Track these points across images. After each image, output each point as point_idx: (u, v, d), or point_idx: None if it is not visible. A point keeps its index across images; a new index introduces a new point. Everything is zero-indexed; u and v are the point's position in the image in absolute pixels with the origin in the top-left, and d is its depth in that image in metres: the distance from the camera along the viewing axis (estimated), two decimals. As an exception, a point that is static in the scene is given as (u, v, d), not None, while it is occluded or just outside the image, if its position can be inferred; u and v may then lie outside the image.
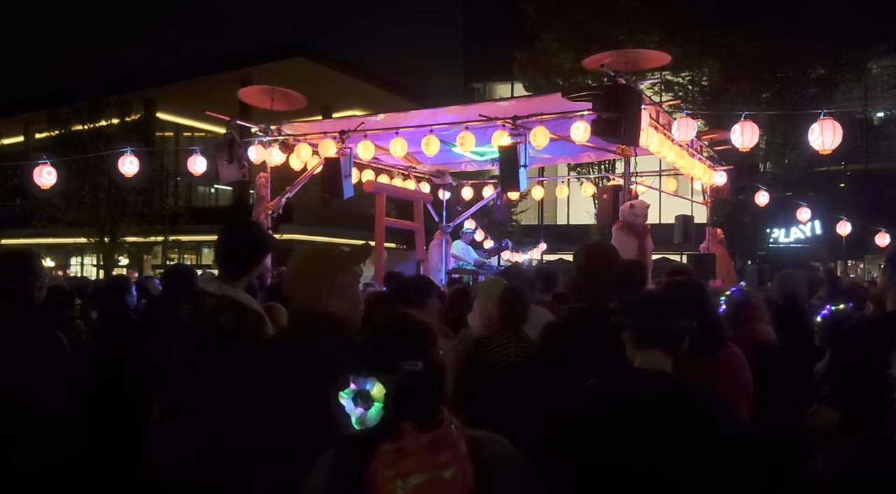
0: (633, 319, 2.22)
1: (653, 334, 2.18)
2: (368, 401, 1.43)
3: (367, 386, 1.44)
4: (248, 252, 2.71)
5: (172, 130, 31.66)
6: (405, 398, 1.45)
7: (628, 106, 6.84)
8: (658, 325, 2.17)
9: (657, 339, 2.17)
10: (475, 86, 31.98)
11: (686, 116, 8.38)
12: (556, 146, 9.09)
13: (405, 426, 1.45)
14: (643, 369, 2.19)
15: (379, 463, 1.43)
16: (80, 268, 32.28)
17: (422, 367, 1.49)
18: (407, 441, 1.45)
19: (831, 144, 7.49)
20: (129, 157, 9.99)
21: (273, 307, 3.26)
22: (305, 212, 24.54)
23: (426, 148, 8.68)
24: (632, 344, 2.23)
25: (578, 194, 16.63)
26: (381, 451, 1.44)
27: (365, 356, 1.52)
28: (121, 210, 23.33)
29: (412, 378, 1.47)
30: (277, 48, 26.69)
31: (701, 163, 10.59)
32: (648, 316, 2.20)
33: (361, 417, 1.43)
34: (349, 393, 1.45)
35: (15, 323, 2.85)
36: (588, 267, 3.04)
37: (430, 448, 1.45)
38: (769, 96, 20.08)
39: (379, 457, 1.44)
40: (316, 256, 2.33)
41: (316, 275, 2.21)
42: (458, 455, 1.46)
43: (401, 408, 1.44)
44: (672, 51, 18.45)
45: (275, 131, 9.75)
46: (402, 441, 1.45)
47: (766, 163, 21.34)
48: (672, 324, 2.18)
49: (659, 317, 2.18)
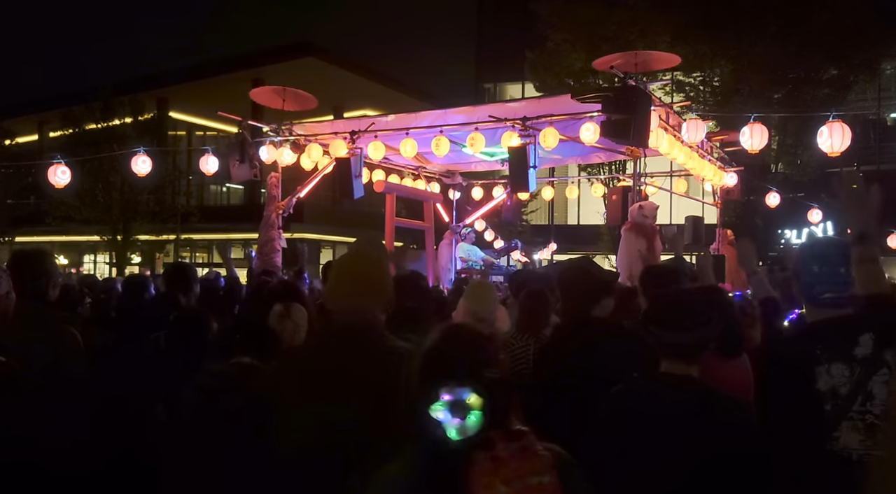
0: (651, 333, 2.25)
1: (671, 346, 2.22)
2: (466, 410, 1.45)
3: (463, 395, 1.46)
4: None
5: (185, 129, 31.83)
6: (492, 406, 1.47)
7: (638, 107, 6.86)
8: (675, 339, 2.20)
9: (676, 351, 2.21)
10: (486, 86, 31.97)
11: (696, 118, 8.38)
12: (566, 147, 9.11)
13: (494, 435, 1.47)
14: (667, 374, 2.23)
15: (477, 471, 1.45)
16: (93, 266, 32.51)
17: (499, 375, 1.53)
18: (499, 449, 1.47)
19: (840, 147, 7.47)
20: (142, 157, 10.09)
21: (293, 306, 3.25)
22: (316, 211, 24.61)
23: (436, 148, 8.73)
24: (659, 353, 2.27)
25: (589, 195, 16.61)
26: (476, 460, 1.46)
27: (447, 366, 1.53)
28: (133, 208, 23.54)
29: (496, 385, 1.51)
30: (289, 48, 26.80)
31: (711, 165, 10.58)
32: (666, 329, 2.22)
33: (461, 427, 1.45)
34: (444, 404, 1.46)
35: (31, 321, 2.91)
36: (572, 288, 3.10)
37: (522, 456, 1.48)
38: (781, 97, 19.95)
39: (475, 466, 1.45)
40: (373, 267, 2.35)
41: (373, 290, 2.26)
42: (546, 462, 1.49)
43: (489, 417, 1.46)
44: (683, 51, 18.40)
45: (286, 131, 9.82)
46: (495, 449, 1.47)
47: (778, 163, 21.22)
48: (689, 338, 2.20)
49: (677, 329, 2.20)
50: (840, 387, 2.25)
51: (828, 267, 2.41)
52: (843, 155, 8.26)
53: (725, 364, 2.73)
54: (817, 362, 2.28)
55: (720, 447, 2.01)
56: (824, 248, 2.52)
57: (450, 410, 1.45)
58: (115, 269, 24.55)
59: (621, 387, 2.23)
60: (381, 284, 2.33)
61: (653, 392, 2.20)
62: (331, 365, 2.16)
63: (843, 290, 2.38)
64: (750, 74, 19.55)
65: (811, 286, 2.43)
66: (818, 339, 2.35)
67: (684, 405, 2.10)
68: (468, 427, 1.45)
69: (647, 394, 2.20)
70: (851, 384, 2.23)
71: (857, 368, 2.23)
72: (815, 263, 2.44)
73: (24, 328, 2.80)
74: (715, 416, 2.06)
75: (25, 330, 2.81)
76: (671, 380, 2.19)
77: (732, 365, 2.79)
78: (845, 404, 2.23)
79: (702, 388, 2.16)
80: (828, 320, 2.38)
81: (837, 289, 2.39)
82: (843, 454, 2.21)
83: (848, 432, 2.22)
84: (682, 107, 13.57)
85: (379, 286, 2.31)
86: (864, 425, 2.21)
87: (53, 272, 3.14)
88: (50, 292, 3.09)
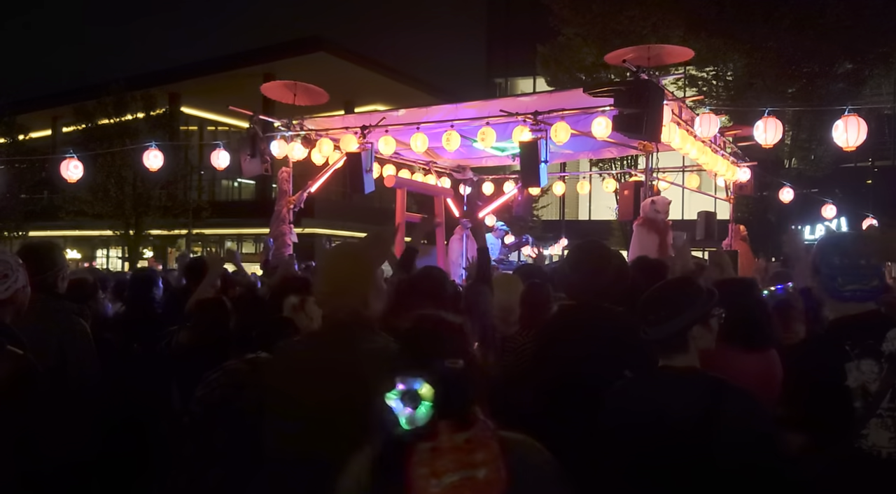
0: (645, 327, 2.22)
1: (654, 341, 2.19)
2: (417, 401, 1.44)
3: (415, 385, 1.45)
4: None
5: (197, 124, 31.98)
6: (446, 397, 1.46)
7: (650, 101, 6.80)
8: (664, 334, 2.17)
9: (660, 345, 2.19)
10: (497, 81, 31.87)
11: (709, 112, 8.31)
12: (578, 141, 9.05)
13: (441, 425, 1.46)
14: (670, 366, 2.19)
15: (414, 462, 1.45)
16: (105, 261, 32.76)
17: (462, 366, 1.51)
18: (442, 440, 1.46)
19: (856, 141, 7.39)
20: (154, 151, 10.12)
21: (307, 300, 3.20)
22: (327, 206, 24.65)
23: (447, 143, 8.70)
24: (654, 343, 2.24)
25: (600, 190, 16.54)
26: (417, 450, 1.46)
27: (408, 355, 1.54)
28: (145, 203, 23.69)
29: (455, 376, 1.49)
30: (300, 43, 26.82)
31: (724, 160, 10.49)
32: (647, 325, 2.19)
33: (411, 417, 1.44)
34: (397, 393, 1.46)
35: (40, 312, 2.91)
36: (582, 265, 3.02)
37: (465, 448, 1.46)
38: (795, 91, 19.75)
39: (415, 456, 1.45)
40: (359, 261, 2.31)
41: (361, 283, 2.23)
42: (491, 455, 1.47)
43: (440, 408, 1.45)
44: (696, 45, 18.23)
45: (297, 126, 9.82)
46: (437, 440, 1.46)
47: (792, 159, 21.03)
48: (663, 331, 2.17)
49: (652, 324, 2.17)
50: (870, 384, 2.22)
51: (848, 259, 2.37)
52: (858, 150, 8.17)
53: (747, 357, 2.68)
54: (847, 358, 2.25)
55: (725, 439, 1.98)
56: (844, 240, 2.48)
57: (401, 399, 1.45)
58: (128, 264, 24.72)
59: (623, 382, 2.21)
60: (361, 281, 2.26)
61: (654, 385, 2.17)
62: (313, 362, 2.16)
63: (866, 283, 2.34)
64: (764, 68, 19.36)
65: (832, 278, 2.39)
66: (846, 335, 2.31)
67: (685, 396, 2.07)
68: (417, 417, 1.43)
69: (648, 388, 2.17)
70: (881, 381, 2.19)
71: (886, 365, 2.20)
72: (836, 255, 2.40)
73: (36, 321, 2.81)
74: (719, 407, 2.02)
75: (37, 323, 2.81)
76: (672, 373, 2.16)
77: (755, 358, 2.73)
78: (875, 401, 2.19)
79: (705, 379, 2.12)
80: (855, 315, 2.35)
81: (861, 281, 2.35)
82: (873, 452, 2.18)
83: (877, 429, 2.18)
84: (694, 102, 13.49)
85: (358, 283, 2.25)
86: (894, 422, 2.17)
87: (62, 264, 3.15)
88: (59, 284, 3.10)
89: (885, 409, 2.18)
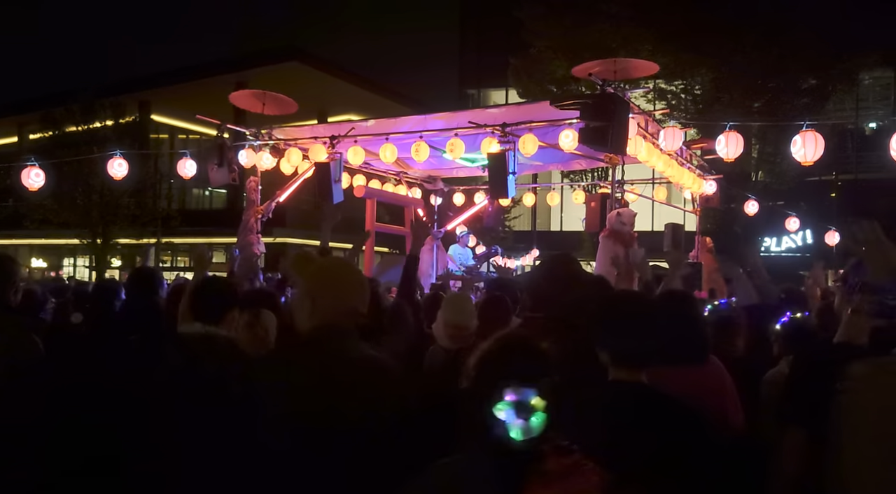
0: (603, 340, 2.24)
1: (622, 354, 2.22)
2: (530, 411, 1.44)
3: (528, 395, 1.45)
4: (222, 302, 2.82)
5: (167, 133, 31.59)
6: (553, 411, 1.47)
7: (616, 115, 6.88)
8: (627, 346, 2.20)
9: (627, 359, 2.21)
10: (470, 92, 32.03)
11: (673, 126, 8.43)
12: (547, 153, 9.13)
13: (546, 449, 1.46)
14: (618, 381, 2.22)
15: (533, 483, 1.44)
16: (72, 270, 32.18)
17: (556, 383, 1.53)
18: (551, 464, 1.46)
19: (813, 156, 7.54)
20: (119, 160, 9.99)
21: (262, 313, 3.21)
22: (299, 216, 24.47)
23: (416, 154, 8.73)
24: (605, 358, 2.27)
25: (571, 201, 16.67)
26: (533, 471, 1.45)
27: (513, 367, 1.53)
28: (113, 212, 23.31)
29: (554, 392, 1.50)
30: (273, 52, 26.68)
31: (690, 172, 10.64)
32: (617, 336, 2.22)
33: (525, 427, 1.44)
34: (508, 404, 1.45)
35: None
36: (550, 280, 3.03)
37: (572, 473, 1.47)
38: (761, 106, 20.16)
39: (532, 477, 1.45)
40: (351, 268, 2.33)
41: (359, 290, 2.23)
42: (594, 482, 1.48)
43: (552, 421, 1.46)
44: (665, 59, 18.53)
45: (265, 135, 9.77)
46: (546, 463, 1.46)
47: (758, 172, 21.42)
48: (641, 346, 2.20)
49: (628, 337, 2.20)
50: None
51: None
52: (822, 164, 8.34)
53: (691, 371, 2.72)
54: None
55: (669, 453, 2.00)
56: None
57: (514, 410, 1.44)
58: (95, 273, 24.31)
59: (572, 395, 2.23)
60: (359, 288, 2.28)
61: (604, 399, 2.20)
62: (312, 365, 2.13)
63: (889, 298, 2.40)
64: (730, 83, 19.74)
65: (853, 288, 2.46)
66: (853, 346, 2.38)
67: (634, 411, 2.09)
68: (532, 428, 1.44)
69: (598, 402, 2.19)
70: None
71: None
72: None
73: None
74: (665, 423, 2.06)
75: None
76: (621, 387, 2.19)
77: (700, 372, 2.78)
78: None
79: (653, 395, 2.15)
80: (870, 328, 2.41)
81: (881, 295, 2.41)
82: None
83: None
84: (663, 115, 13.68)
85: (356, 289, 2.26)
86: None
87: (14, 277, 3.09)
88: (11, 298, 3.04)
89: None
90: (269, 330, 3.00)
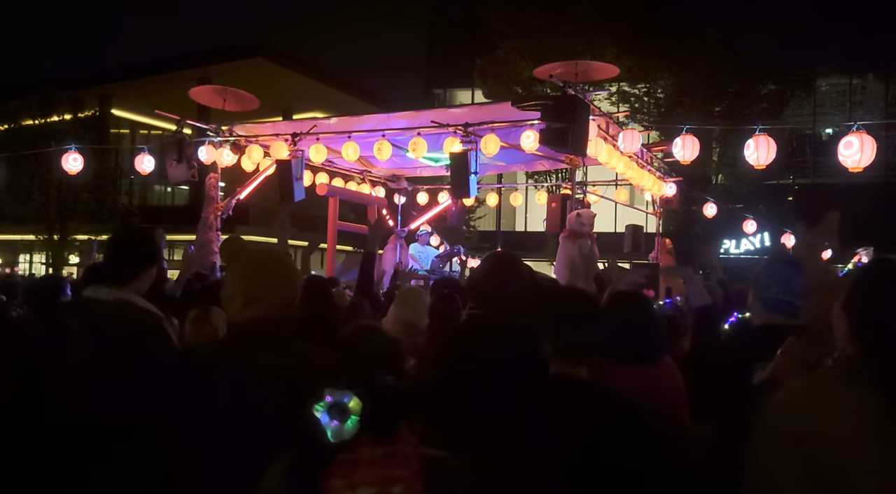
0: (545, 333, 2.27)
1: (563, 347, 2.24)
2: (345, 414, 1.44)
3: (344, 398, 1.44)
4: (139, 258, 2.67)
5: (128, 128, 31.03)
6: (372, 412, 1.46)
7: (576, 116, 6.95)
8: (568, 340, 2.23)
9: (567, 352, 2.24)
10: (436, 92, 32.02)
11: (631, 129, 8.54)
12: (510, 154, 9.19)
13: (363, 438, 1.47)
14: (558, 374, 2.25)
15: (333, 472, 1.45)
16: (28, 266, 31.40)
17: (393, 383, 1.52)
18: (361, 453, 1.47)
19: (765, 160, 7.70)
20: (73, 154, 9.79)
21: (210, 309, 3.19)
22: (262, 213, 24.18)
23: (378, 152, 8.71)
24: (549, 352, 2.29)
25: (535, 202, 16.81)
26: (337, 461, 1.46)
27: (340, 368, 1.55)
28: (71, 207, 22.81)
29: (384, 392, 1.49)
30: (237, 48, 26.34)
31: (650, 175, 10.79)
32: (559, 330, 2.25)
33: (338, 429, 1.44)
34: (325, 405, 1.45)
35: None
36: (494, 276, 3.02)
37: (384, 463, 1.47)
38: (721, 110, 20.52)
39: (334, 466, 1.46)
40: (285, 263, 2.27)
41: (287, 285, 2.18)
42: (409, 472, 1.48)
43: (365, 421, 1.45)
44: (628, 62, 18.77)
45: (226, 132, 9.67)
46: (357, 452, 1.46)
47: (719, 175, 21.79)
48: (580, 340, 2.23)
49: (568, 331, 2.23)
50: None
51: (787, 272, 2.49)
52: (780, 168, 8.50)
53: (642, 371, 2.76)
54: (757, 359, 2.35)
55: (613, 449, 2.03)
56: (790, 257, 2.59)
57: (328, 412, 1.45)
58: (52, 270, 23.75)
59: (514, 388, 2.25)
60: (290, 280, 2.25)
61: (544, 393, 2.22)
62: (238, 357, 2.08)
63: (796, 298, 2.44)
64: (692, 87, 20.06)
65: (767, 286, 2.51)
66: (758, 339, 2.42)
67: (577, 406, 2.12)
68: (344, 431, 1.44)
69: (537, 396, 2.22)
70: None
71: None
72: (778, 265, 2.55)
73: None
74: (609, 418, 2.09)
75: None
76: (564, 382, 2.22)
77: (651, 372, 2.82)
78: None
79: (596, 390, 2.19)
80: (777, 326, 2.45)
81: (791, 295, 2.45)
82: None
83: None
84: (626, 117, 13.84)
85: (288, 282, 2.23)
86: None
87: None
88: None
89: None
90: (217, 327, 2.97)
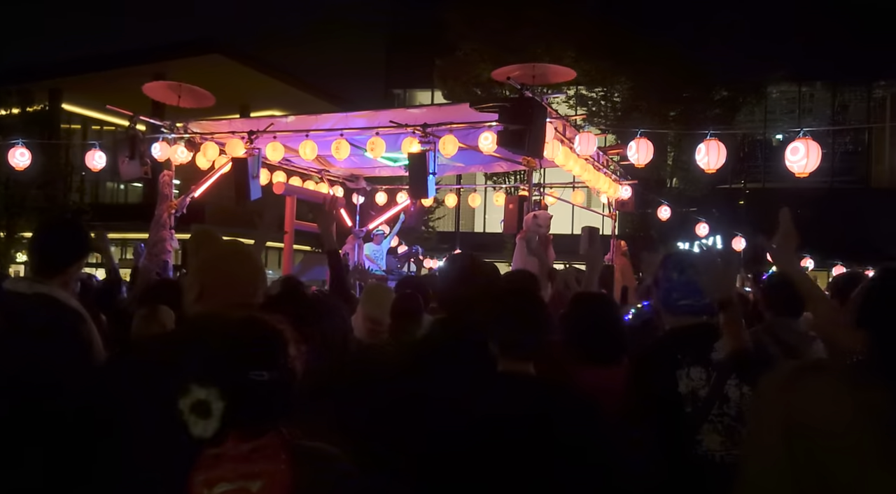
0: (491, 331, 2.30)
1: (510, 345, 2.27)
2: (207, 412, 1.38)
3: (206, 395, 1.38)
4: (66, 251, 2.59)
5: (80, 123, 30.27)
6: (241, 407, 1.40)
7: (533, 119, 7.01)
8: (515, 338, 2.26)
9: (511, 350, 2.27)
10: (396, 92, 31.97)
11: (587, 131, 8.65)
12: (468, 155, 9.22)
13: (231, 433, 1.41)
14: (507, 373, 2.28)
15: (196, 467, 1.41)
16: (-28, 265, 30.41)
17: (267, 377, 1.43)
18: (226, 448, 1.42)
19: (716, 164, 7.89)
20: (21, 149, 9.51)
21: (159, 308, 3.13)
22: (219, 211, 23.81)
23: (336, 152, 8.66)
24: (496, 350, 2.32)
25: (493, 203, 16.89)
26: (202, 456, 1.42)
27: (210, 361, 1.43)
28: (19, 204, 22.17)
29: (255, 389, 1.42)
30: (193, 44, 25.89)
31: (606, 177, 10.94)
32: (508, 328, 2.28)
33: (199, 428, 1.38)
34: (188, 401, 1.39)
35: None
36: (451, 276, 3.07)
37: (247, 458, 1.42)
38: (676, 115, 20.92)
39: (198, 461, 1.42)
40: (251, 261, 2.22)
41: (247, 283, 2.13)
42: (272, 467, 1.43)
43: (233, 417, 1.39)
44: (586, 66, 18.98)
45: (181, 129, 9.50)
46: (222, 447, 1.42)
47: (673, 178, 22.21)
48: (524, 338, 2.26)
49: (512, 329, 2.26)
50: (699, 390, 2.36)
51: (685, 276, 2.53)
52: (732, 172, 8.70)
53: (603, 370, 2.80)
54: (678, 366, 2.39)
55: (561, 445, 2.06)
56: (685, 258, 2.65)
57: (191, 408, 1.39)
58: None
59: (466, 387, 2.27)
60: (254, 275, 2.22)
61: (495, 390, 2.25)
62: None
63: (699, 299, 2.50)
64: (647, 92, 20.40)
65: (669, 292, 2.55)
66: (678, 344, 2.46)
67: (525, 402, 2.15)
68: (206, 427, 1.39)
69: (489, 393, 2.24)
70: (709, 387, 2.35)
71: (713, 372, 2.35)
72: (675, 272, 2.56)
73: None
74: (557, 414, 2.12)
75: None
76: (513, 378, 2.25)
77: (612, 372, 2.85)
78: (705, 406, 2.33)
79: (543, 385, 2.22)
80: (687, 326, 2.50)
81: (694, 297, 2.50)
82: (708, 456, 2.30)
83: (709, 434, 2.32)
84: (584, 120, 14.02)
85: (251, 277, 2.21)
86: (723, 427, 2.31)
87: None
88: None
89: (715, 415, 2.33)
90: (165, 326, 2.92)
